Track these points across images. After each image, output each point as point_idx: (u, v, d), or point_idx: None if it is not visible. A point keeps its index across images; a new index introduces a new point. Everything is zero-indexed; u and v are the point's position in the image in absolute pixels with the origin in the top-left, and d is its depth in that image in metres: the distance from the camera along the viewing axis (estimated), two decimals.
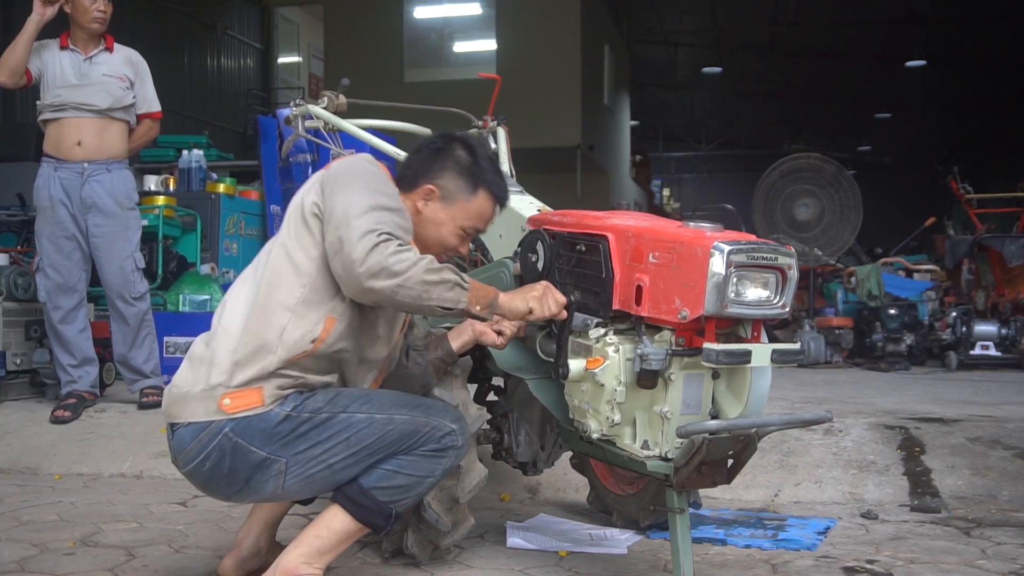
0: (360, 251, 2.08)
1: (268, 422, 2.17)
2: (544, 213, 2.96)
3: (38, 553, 2.95)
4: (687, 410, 2.41)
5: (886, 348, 8.31)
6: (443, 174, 2.46)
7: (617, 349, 2.42)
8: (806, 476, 3.85)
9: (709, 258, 2.22)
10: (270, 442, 2.17)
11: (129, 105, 4.90)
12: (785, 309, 2.33)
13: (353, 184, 2.21)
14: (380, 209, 2.17)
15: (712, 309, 2.23)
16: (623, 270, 2.47)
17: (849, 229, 9.25)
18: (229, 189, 7.63)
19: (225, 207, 7.51)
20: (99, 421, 4.74)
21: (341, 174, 2.25)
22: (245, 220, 7.80)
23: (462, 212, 2.47)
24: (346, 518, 2.26)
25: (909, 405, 4.86)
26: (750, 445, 2.38)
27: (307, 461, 2.20)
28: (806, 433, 4.02)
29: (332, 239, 2.16)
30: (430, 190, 2.45)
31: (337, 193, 2.20)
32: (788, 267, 2.32)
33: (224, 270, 7.30)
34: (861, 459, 3.90)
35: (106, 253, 4.79)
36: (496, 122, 3.68)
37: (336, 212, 2.17)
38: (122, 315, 4.82)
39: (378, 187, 2.24)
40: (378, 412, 2.26)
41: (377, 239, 2.10)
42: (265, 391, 2.18)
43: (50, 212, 4.76)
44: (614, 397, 2.42)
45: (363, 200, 2.17)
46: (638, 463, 2.45)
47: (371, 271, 2.08)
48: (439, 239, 2.48)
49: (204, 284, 6.41)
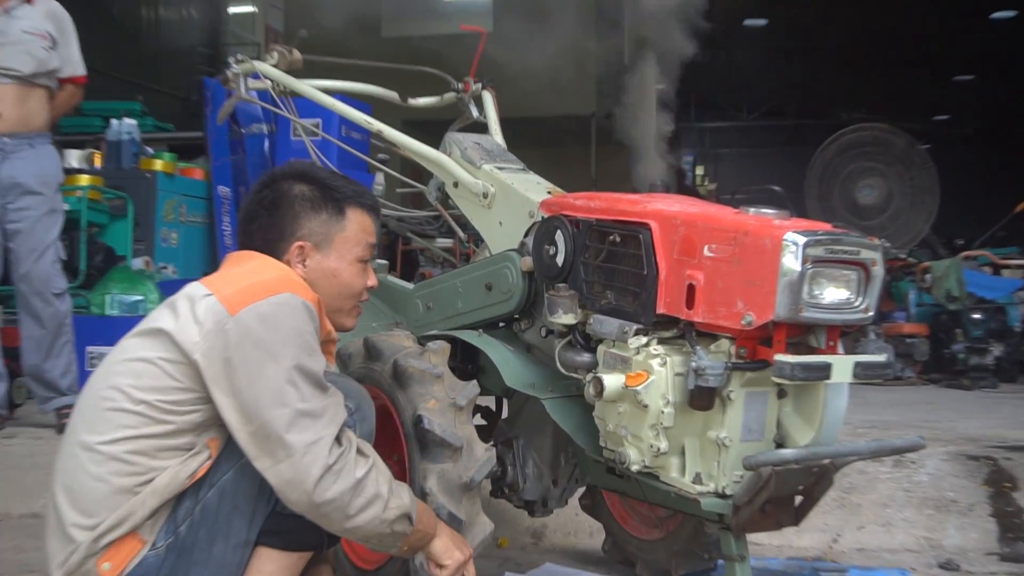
0: (310, 479, 2.13)
1: (155, 565, 2.20)
2: (562, 196, 2.96)
3: None
4: (748, 436, 2.41)
5: (969, 361, 8.30)
6: (299, 222, 2.46)
7: (664, 362, 2.42)
8: (872, 517, 3.84)
9: (780, 251, 2.22)
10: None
11: (53, 70, 4.89)
12: (868, 313, 2.34)
13: (267, 366, 2.16)
14: (309, 411, 2.16)
15: (784, 313, 2.23)
16: (670, 266, 2.46)
17: (923, 216, 9.26)
18: (168, 166, 7.62)
19: (163, 188, 7.51)
20: (7, 449, 4.72)
21: (248, 350, 2.18)
22: (187, 204, 7.79)
23: (345, 246, 2.50)
24: (275, 554, 2.31)
25: (997, 431, 4.85)
26: (824, 479, 2.39)
27: (222, 559, 2.24)
28: (871, 465, 4.01)
29: (258, 446, 2.15)
30: (300, 248, 2.45)
31: (250, 378, 2.16)
32: (872, 263, 2.33)
33: (161, 265, 7.30)
34: (939, 497, 3.89)
35: (25, 241, 4.79)
36: (481, 85, 3.68)
37: (257, 412, 2.15)
38: (38, 316, 4.81)
39: (301, 365, 2.19)
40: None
41: (327, 463, 2.14)
42: (141, 532, 2.20)
43: None
44: (660, 420, 2.41)
45: (288, 395, 2.15)
46: (688, 501, 2.45)
47: (323, 507, 2.16)
48: (343, 290, 2.51)
49: (136, 282, 6.39)
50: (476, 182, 3.16)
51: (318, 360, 2.23)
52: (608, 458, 2.63)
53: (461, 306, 3.16)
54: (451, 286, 3.21)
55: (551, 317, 2.69)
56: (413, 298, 3.38)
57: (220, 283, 2.29)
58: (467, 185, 3.18)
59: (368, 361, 2.84)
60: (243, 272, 2.34)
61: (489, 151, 3.29)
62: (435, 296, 3.28)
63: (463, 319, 3.15)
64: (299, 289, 2.28)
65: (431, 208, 3.52)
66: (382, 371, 2.77)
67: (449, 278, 3.24)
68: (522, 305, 2.97)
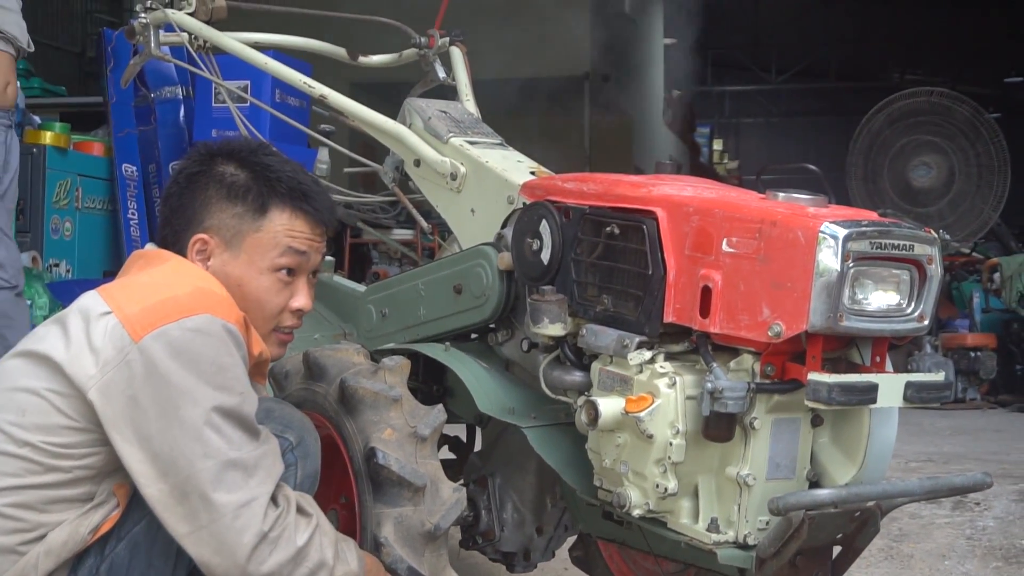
0: (242, 549, 2.14)
1: None
2: (548, 178, 2.97)
3: None
4: (776, 473, 2.43)
5: None
6: (209, 209, 2.44)
7: (673, 382, 2.43)
8: (926, 571, 3.87)
9: (816, 246, 2.24)
10: None
11: None
12: (923, 322, 2.35)
13: (183, 407, 2.15)
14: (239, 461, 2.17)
15: (820, 322, 2.24)
16: (680, 264, 2.48)
17: (991, 201, 9.32)
18: (59, 140, 7.59)
19: (53, 167, 7.47)
20: None
21: (158, 388, 2.16)
22: (84, 186, 7.77)
23: (257, 250, 2.46)
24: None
25: None
26: (869, 525, 2.41)
27: None
28: (926, 507, 4.05)
29: (174, 508, 2.15)
30: (202, 241, 2.43)
31: (162, 423, 2.15)
32: (928, 259, 2.34)
33: (52, 261, 7.28)
34: (1008, 545, 3.93)
35: None
36: (448, 40, 3.69)
37: (173, 464, 2.14)
38: None
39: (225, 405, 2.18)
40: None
41: (262, 529, 2.15)
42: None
43: None
44: (668, 454, 2.42)
45: (212, 443, 2.15)
46: (702, 553, 2.47)
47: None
48: (256, 305, 2.46)
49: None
50: (442, 160, 3.16)
51: (247, 399, 2.22)
52: (604, 500, 2.64)
53: (424, 313, 3.16)
54: (412, 288, 3.21)
55: (535, 327, 2.70)
56: (365, 303, 3.39)
57: (122, 296, 2.25)
58: (431, 163, 3.18)
59: (309, 381, 2.84)
60: (151, 282, 2.31)
61: (459, 121, 3.30)
62: (392, 301, 3.29)
63: (426, 329, 3.16)
64: (220, 307, 2.25)
65: (387, 192, 3.53)
66: (327, 394, 2.77)
67: (409, 279, 3.25)
68: (499, 312, 2.97)
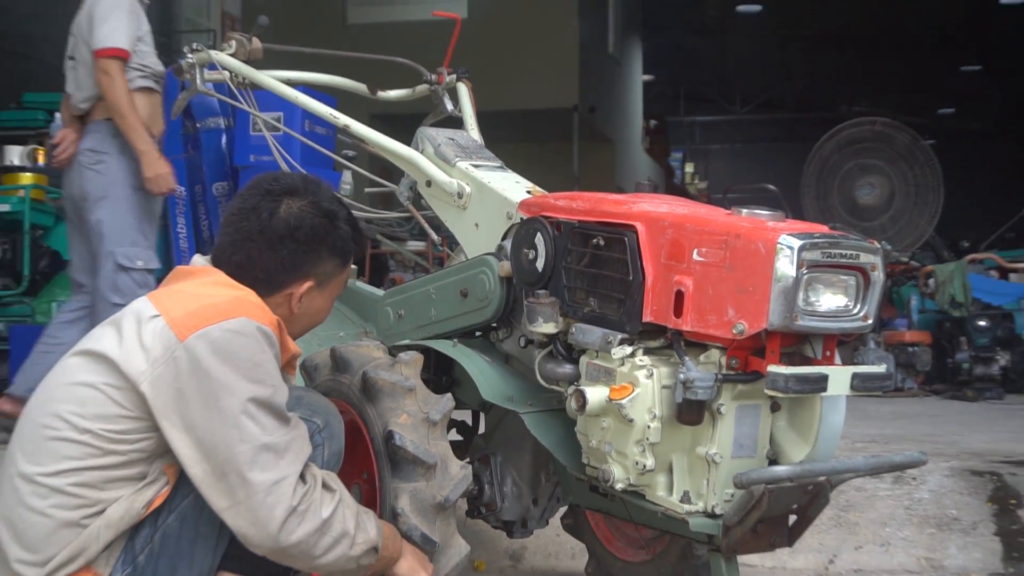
0: (274, 522, 2.15)
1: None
2: (542, 196, 2.97)
3: None
4: (740, 452, 2.44)
5: (973, 371, 8.37)
6: (320, 262, 2.51)
7: (650, 374, 2.44)
8: (870, 537, 3.88)
9: (775, 256, 2.25)
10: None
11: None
12: (867, 321, 2.37)
13: (222, 398, 2.16)
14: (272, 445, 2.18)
15: (778, 322, 2.26)
16: (657, 271, 2.49)
17: (926, 216, 9.32)
18: None
19: None
20: None
21: (201, 381, 2.17)
22: None
23: (337, 288, 2.61)
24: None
25: (1003, 445, 4.90)
26: (820, 497, 2.42)
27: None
28: (870, 482, 4.06)
29: (215, 485, 2.17)
30: (309, 287, 2.50)
31: (204, 411, 2.16)
32: (872, 267, 2.36)
33: None
34: (941, 515, 3.94)
35: None
36: (455, 76, 3.70)
37: (214, 448, 2.15)
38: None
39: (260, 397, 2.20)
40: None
41: (292, 504, 2.16)
42: (96, 566, 2.21)
43: None
44: (646, 436, 2.44)
45: (248, 429, 2.16)
46: (676, 521, 2.47)
47: (288, 549, 2.19)
48: (314, 324, 2.64)
49: None
50: (450, 181, 3.17)
51: (278, 391, 2.24)
52: (591, 476, 2.65)
53: (434, 314, 3.17)
54: (424, 293, 3.22)
55: (531, 326, 2.71)
56: (383, 305, 3.40)
57: (169, 302, 2.27)
58: (441, 184, 3.19)
59: (335, 373, 2.85)
60: (194, 291, 2.32)
61: (464, 147, 3.30)
62: (407, 303, 3.30)
63: (437, 328, 3.16)
64: (255, 312, 2.27)
65: (402, 209, 3.54)
66: (350, 384, 2.78)
67: (421, 284, 3.25)
68: (500, 313, 2.98)
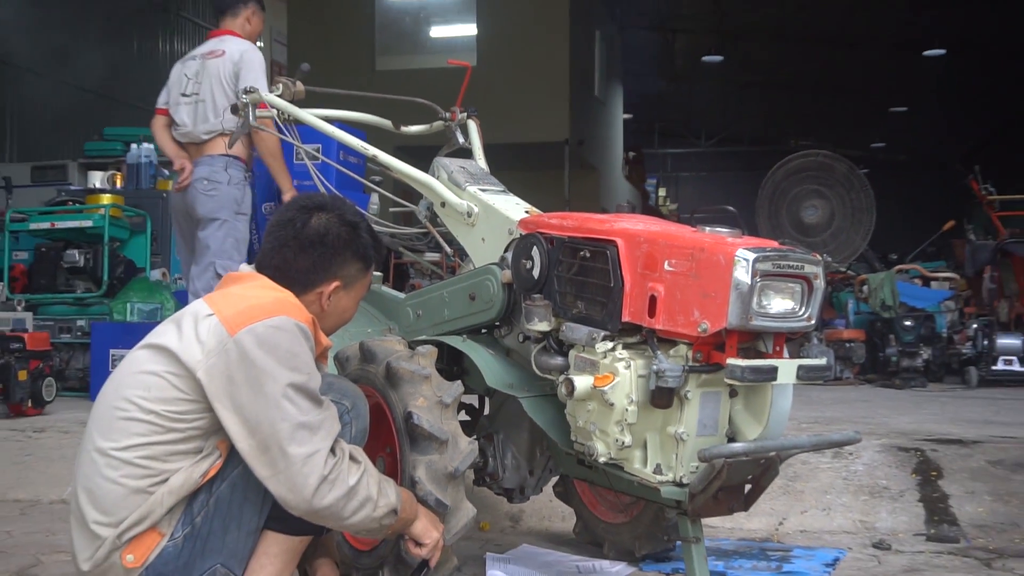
0: (308, 488, 2.15)
1: (174, 555, 2.21)
2: (538, 216, 2.97)
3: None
4: (703, 431, 2.44)
5: (900, 363, 8.35)
6: (345, 265, 2.50)
7: (628, 365, 2.44)
8: (813, 503, 3.87)
9: (733, 266, 2.25)
10: (190, 567, 2.22)
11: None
12: (811, 322, 2.37)
13: (266, 384, 2.17)
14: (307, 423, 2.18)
15: (736, 322, 2.26)
16: (634, 279, 2.48)
17: (861, 233, 9.30)
18: None
19: None
20: (39, 442, 4.71)
21: (248, 370, 2.18)
22: None
23: (361, 290, 2.59)
24: (280, 537, 2.32)
25: (925, 425, 4.89)
26: (771, 469, 2.42)
27: (235, 546, 2.26)
28: (813, 456, 4.05)
29: (259, 457, 2.17)
30: (336, 287, 2.49)
31: (251, 395, 2.17)
32: (815, 276, 2.36)
33: (176, 276, 7.27)
34: (873, 484, 3.93)
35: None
36: (466, 114, 3.70)
37: (258, 426, 2.16)
38: None
39: (297, 383, 2.19)
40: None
41: (323, 473, 2.16)
42: (160, 526, 2.21)
43: None
44: (624, 417, 2.43)
45: (287, 410, 2.16)
46: (650, 489, 2.47)
47: (320, 512, 2.19)
48: (343, 322, 2.60)
49: (154, 291, 6.39)
50: (461, 202, 3.17)
51: (313, 377, 2.24)
52: (578, 451, 2.65)
53: (447, 314, 3.17)
54: (438, 296, 3.22)
55: (528, 324, 2.72)
56: (404, 307, 3.39)
57: (222, 303, 2.28)
58: (453, 205, 3.19)
59: (363, 363, 2.85)
60: (243, 293, 2.34)
61: (473, 174, 3.30)
62: (424, 305, 3.30)
63: (449, 326, 3.16)
64: (294, 311, 2.29)
65: (421, 225, 3.53)
66: (376, 372, 2.78)
67: (436, 289, 3.25)
68: (502, 313, 2.98)
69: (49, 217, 6.84)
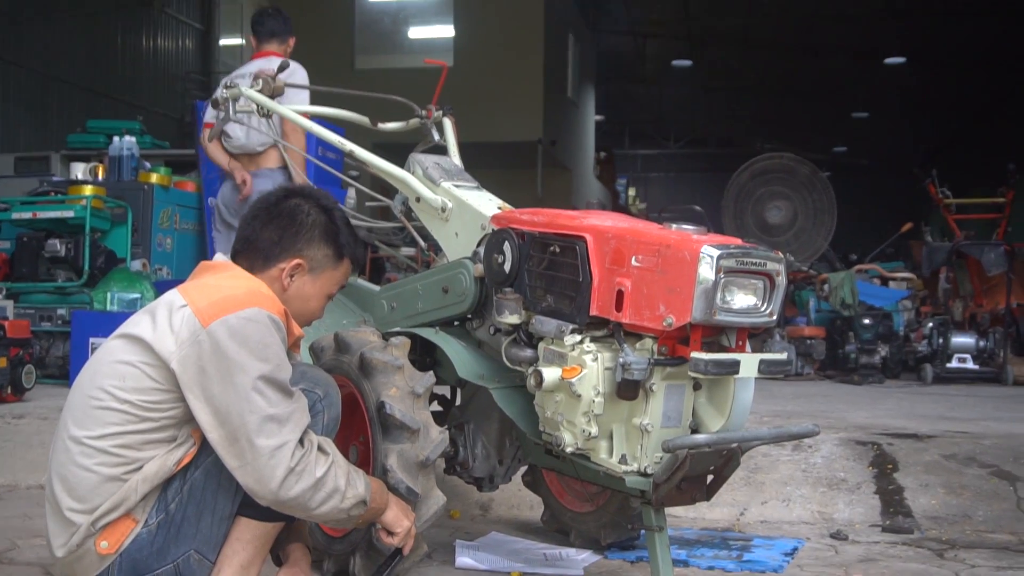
0: (275, 480, 2.13)
1: (148, 541, 2.18)
2: (510, 211, 2.96)
3: None
4: (668, 423, 2.43)
5: (859, 360, 8.39)
6: (310, 245, 2.46)
7: (596, 357, 2.43)
8: (773, 494, 3.88)
9: (698, 262, 2.24)
10: (163, 553, 2.19)
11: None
12: (772, 317, 2.37)
13: (236, 375, 2.13)
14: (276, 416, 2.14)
15: (700, 316, 2.25)
16: (602, 274, 2.47)
17: (822, 234, 9.33)
18: (163, 179, 7.54)
19: (159, 199, 7.43)
20: (17, 428, 4.65)
21: (219, 361, 2.14)
22: (180, 213, 7.72)
23: (329, 282, 2.52)
24: (252, 523, 2.30)
25: (882, 420, 4.91)
26: (732, 460, 2.42)
27: (208, 532, 2.23)
28: (774, 449, 4.06)
29: (228, 448, 2.14)
30: (298, 265, 2.44)
31: (222, 386, 2.13)
32: (776, 273, 2.36)
33: (156, 267, 7.22)
34: (831, 476, 3.94)
35: None
36: (442, 112, 3.68)
37: (228, 417, 2.13)
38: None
39: (267, 375, 2.16)
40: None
41: (290, 465, 2.13)
42: (134, 513, 2.19)
43: None
44: (591, 408, 2.43)
45: (256, 402, 2.13)
46: (615, 479, 2.47)
47: (287, 503, 2.16)
48: (308, 313, 2.52)
49: (134, 281, 6.33)
50: (436, 198, 3.15)
51: (284, 369, 2.21)
52: (546, 441, 2.64)
53: (421, 306, 3.15)
54: (412, 289, 3.20)
55: (499, 317, 2.70)
56: (379, 299, 3.37)
57: (195, 293, 2.25)
58: (428, 200, 3.17)
59: (338, 354, 2.83)
60: (217, 284, 2.30)
61: (448, 171, 3.29)
62: (398, 297, 3.28)
63: (422, 318, 3.14)
64: (266, 302, 2.25)
65: (396, 220, 3.52)
66: (350, 362, 2.76)
67: (411, 282, 3.23)
68: (474, 306, 2.97)
69: (31, 207, 6.76)
